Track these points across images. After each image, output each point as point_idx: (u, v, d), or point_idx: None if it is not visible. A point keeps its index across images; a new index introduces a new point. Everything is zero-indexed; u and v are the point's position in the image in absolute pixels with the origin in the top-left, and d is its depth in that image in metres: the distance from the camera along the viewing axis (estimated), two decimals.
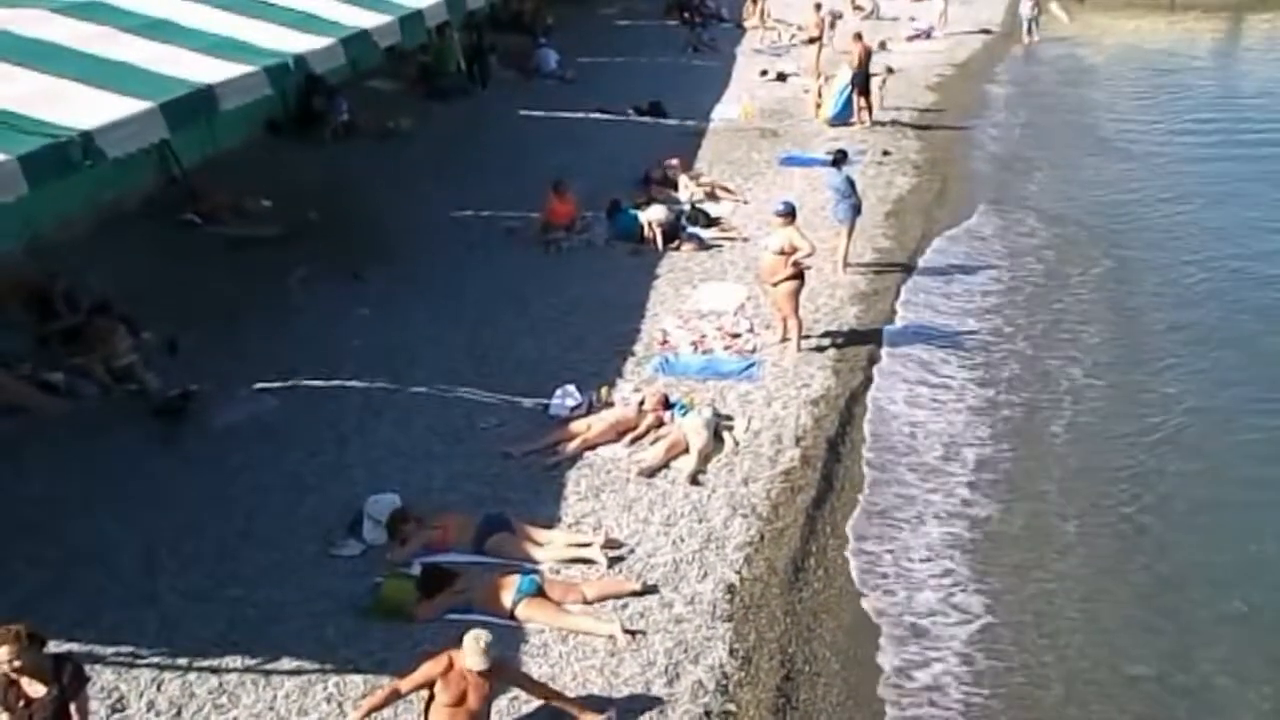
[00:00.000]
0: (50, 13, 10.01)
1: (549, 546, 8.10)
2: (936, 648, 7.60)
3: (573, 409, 10.02)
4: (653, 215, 14.50)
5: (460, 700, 6.13)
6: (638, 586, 7.70)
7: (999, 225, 16.07)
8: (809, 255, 11.30)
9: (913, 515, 9.08)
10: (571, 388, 10.24)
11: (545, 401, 10.17)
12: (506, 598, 7.41)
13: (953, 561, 8.50)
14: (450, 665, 6.19)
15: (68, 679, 5.64)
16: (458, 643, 6.27)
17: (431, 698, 6.25)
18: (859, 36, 20.93)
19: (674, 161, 16.75)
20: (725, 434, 9.76)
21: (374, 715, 6.40)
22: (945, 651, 7.56)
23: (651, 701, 6.72)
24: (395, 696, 6.39)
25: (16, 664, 5.48)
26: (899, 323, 12.55)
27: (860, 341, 11.82)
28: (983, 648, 7.61)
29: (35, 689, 5.56)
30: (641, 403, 10.00)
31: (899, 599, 8.07)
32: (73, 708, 5.65)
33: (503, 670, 6.38)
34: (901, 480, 9.58)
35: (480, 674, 6.15)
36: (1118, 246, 15.18)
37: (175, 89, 8.99)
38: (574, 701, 6.57)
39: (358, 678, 6.80)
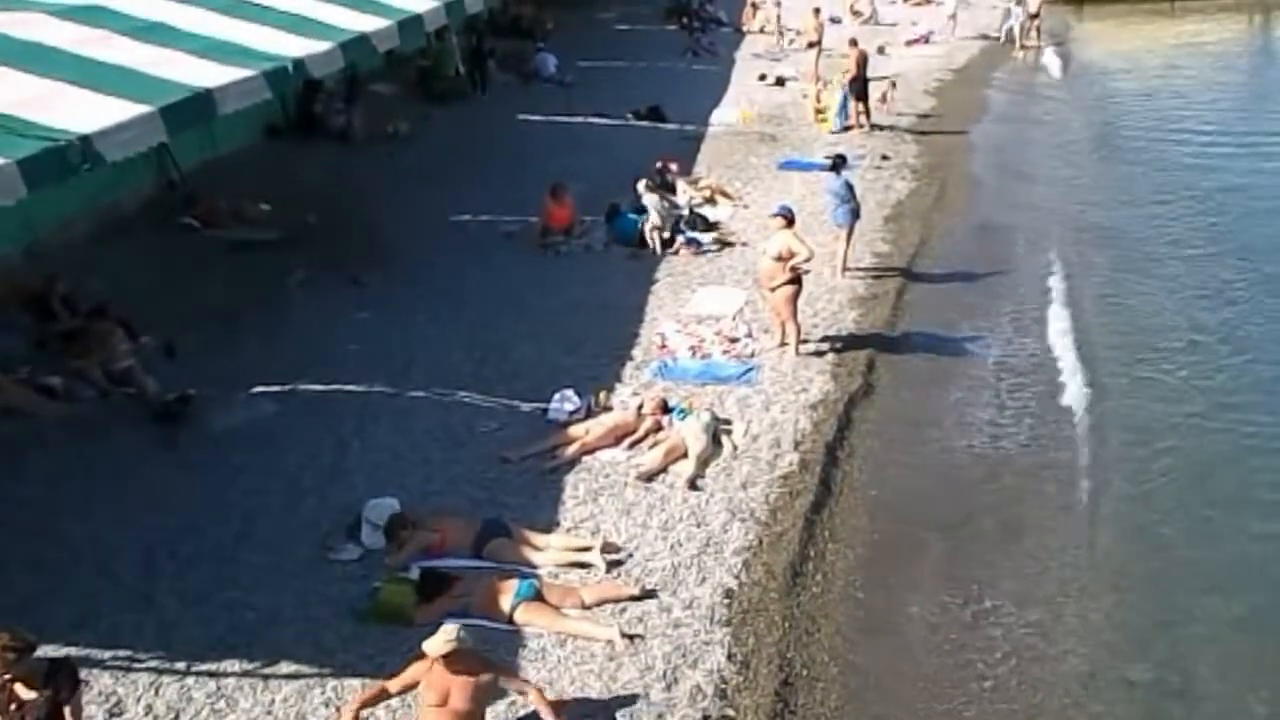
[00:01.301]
0: (46, 16, 10.00)
1: (547, 551, 8.09)
2: (932, 651, 7.60)
3: (571, 413, 10.01)
4: (651, 219, 14.48)
5: (444, 701, 6.11)
6: (636, 591, 7.69)
7: (998, 229, 16.08)
8: (807, 260, 11.31)
9: (908, 518, 9.07)
10: (570, 392, 10.23)
11: (544, 405, 10.17)
12: (505, 602, 7.40)
13: (948, 564, 8.51)
14: (433, 666, 6.18)
15: (60, 683, 5.62)
16: None
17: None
18: (854, 43, 21.00)
19: (671, 167, 16.74)
20: (724, 438, 9.75)
21: (370, 715, 6.40)
22: (941, 655, 7.57)
23: (650, 706, 6.71)
24: (384, 695, 6.40)
25: (6, 676, 5.47)
26: (898, 327, 12.55)
27: (859, 346, 11.82)
28: (978, 651, 7.61)
29: (27, 692, 5.54)
30: (640, 407, 10.00)
31: (894, 603, 8.06)
32: (66, 711, 5.64)
33: (480, 664, 6.27)
34: (899, 483, 9.58)
35: (455, 670, 6.08)
36: (1119, 251, 15.19)
37: (174, 93, 8.98)
38: (552, 704, 6.46)
39: (355, 682, 6.78)
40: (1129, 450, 10.18)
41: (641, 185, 14.53)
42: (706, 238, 14.68)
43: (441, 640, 6.09)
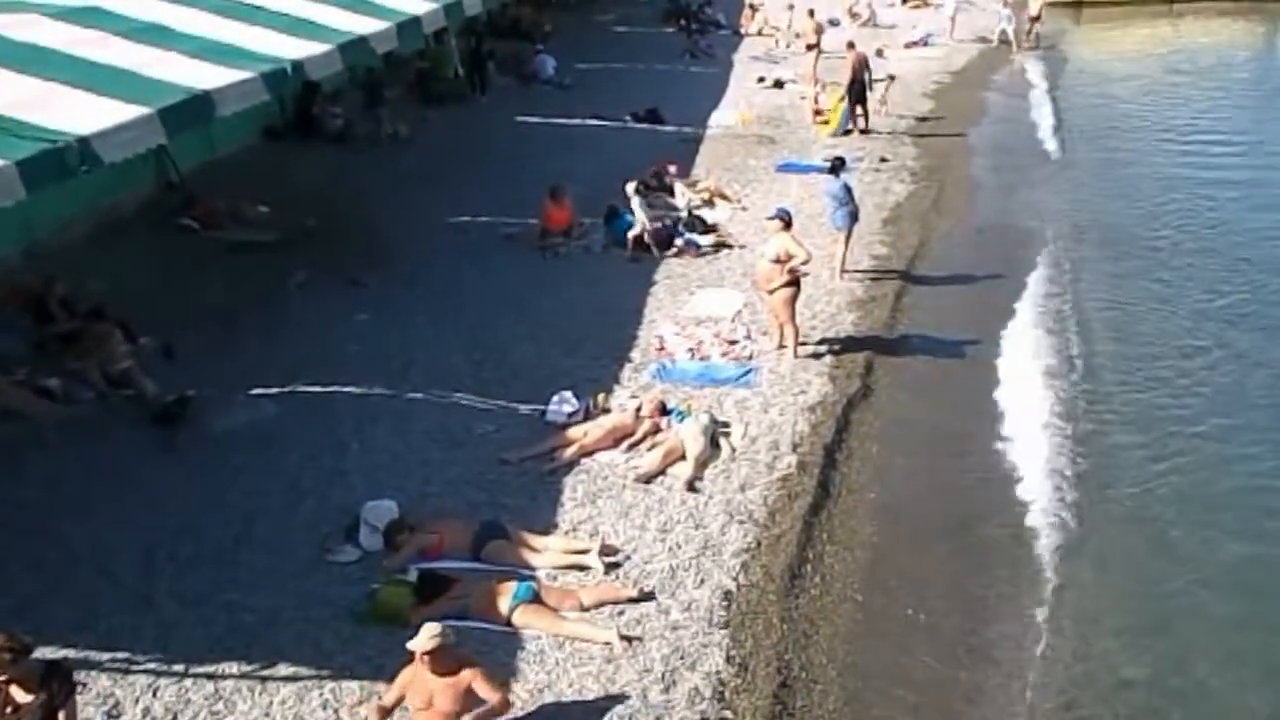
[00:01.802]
0: (44, 17, 9.99)
1: (546, 553, 8.09)
2: (931, 653, 7.60)
3: (570, 415, 10.00)
4: (638, 224, 14.41)
5: (428, 704, 6.10)
6: (634, 593, 7.68)
7: (997, 231, 16.09)
8: (804, 262, 11.31)
9: (907, 520, 9.08)
10: (568, 394, 10.23)
11: (542, 407, 10.16)
12: (503, 604, 7.39)
13: (947, 567, 8.51)
14: (418, 669, 6.17)
15: (56, 686, 5.62)
16: None
17: None
18: (851, 45, 21.02)
19: (670, 169, 16.74)
20: (722, 440, 9.74)
21: None
22: (940, 657, 7.56)
23: (648, 708, 6.71)
24: (385, 714, 6.39)
25: (3, 678, 5.47)
26: (896, 330, 12.56)
27: (857, 348, 11.82)
28: (977, 653, 7.62)
29: (23, 695, 5.54)
30: (639, 409, 9.99)
31: (892, 605, 8.06)
32: (61, 715, 5.63)
33: (462, 664, 6.23)
34: (897, 485, 9.58)
35: (438, 672, 6.07)
36: (1118, 252, 15.20)
37: (173, 94, 8.98)
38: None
39: (354, 684, 6.78)
40: (1129, 452, 10.19)
41: (630, 188, 14.44)
42: (705, 240, 14.67)
43: (426, 637, 6.08)
